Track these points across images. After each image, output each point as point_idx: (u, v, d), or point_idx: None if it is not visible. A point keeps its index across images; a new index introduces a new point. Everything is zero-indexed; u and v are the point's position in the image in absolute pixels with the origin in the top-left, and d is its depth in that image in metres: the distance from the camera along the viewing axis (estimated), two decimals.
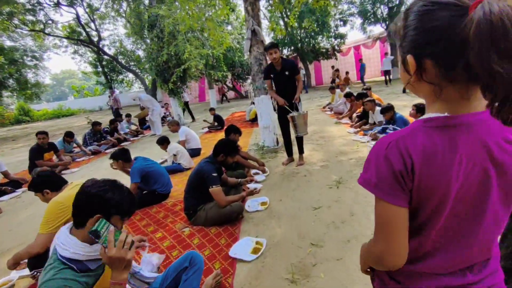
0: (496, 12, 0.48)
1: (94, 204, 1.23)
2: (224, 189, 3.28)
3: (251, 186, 3.64)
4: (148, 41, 9.86)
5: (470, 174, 0.61)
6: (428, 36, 0.58)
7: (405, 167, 0.61)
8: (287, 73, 4.03)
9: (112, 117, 14.04)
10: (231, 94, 23.99)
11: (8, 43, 22.62)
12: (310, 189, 3.50)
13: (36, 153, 5.89)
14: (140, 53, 24.61)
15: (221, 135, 8.03)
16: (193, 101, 23.21)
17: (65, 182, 2.46)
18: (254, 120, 8.81)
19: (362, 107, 6.40)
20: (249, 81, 7.43)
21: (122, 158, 3.69)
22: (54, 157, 6.36)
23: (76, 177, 5.71)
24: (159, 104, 9.68)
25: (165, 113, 13.27)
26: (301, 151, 4.47)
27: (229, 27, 16.47)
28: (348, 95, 7.37)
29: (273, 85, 4.17)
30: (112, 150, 8.07)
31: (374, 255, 0.73)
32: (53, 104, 31.56)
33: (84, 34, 22.83)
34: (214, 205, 2.85)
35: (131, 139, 9.32)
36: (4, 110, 24.37)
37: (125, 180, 2.37)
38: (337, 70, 15.57)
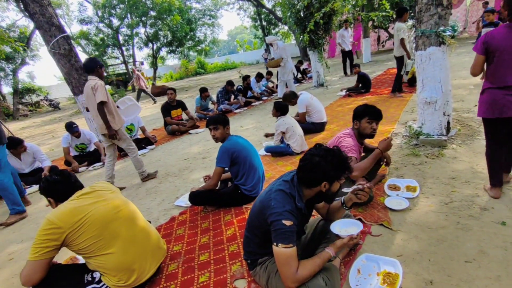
0: None
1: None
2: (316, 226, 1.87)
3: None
4: None
5: None
6: None
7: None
8: None
9: (263, 71, 13.92)
10: (390, 43, 19.30)
11: (194, 4, 26.64)
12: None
13: (164, 111, 6.18)
14: None
15: (363, 100, 6.06)
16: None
17: (78, 188, 1.78)
18: (413, 82, 6.17)
19: None
20: (409, 23, 4.75)
21: (223, 123, 2.68)
22: (184, 115, 6.55)
23: (197, 140, 5.58)
24: (292, 62, 8.17)
25: (306, 68, 11.97)
26: None
27: None
28: None
29: None
30: (242, 110, 7.77)
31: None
32: (222, 58, 36.09)
33: None
34: None
35: (264, 99, 8.74)
36: (188, 63, 29.69)
37: None
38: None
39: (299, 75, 11.37)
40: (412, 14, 10.93)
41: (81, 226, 1.60)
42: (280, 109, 3.94)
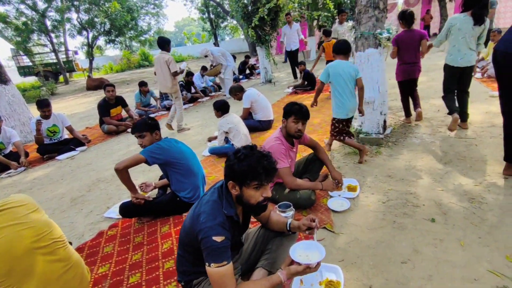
0: None
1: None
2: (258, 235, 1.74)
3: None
4: None
5: None
6: None
7: None
8: None
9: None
10: None
11: None
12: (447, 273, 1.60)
13: (103, 109, 5.52)
14: None
15: (309, 98, 6.20)
16: None
17: None
18: None
19: None
20: (349, 24, 4.94)
21: (150, 129, 2.49)
22: (123, 112, 5.97)
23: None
24: (233, 60, 7.94)
25: (254, 63, 11.92)
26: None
27: None
28: None
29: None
30: (188, 106, 7.38)
31: None
32: None
33: None
34: None
35: (211, 94, 8.45)
36: (130, 55, 27.64)
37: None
38: None
39: (247, 71, 11.29)
40: (353, 16, 11.55)
41: None
42: (220, 109, 3.73)
